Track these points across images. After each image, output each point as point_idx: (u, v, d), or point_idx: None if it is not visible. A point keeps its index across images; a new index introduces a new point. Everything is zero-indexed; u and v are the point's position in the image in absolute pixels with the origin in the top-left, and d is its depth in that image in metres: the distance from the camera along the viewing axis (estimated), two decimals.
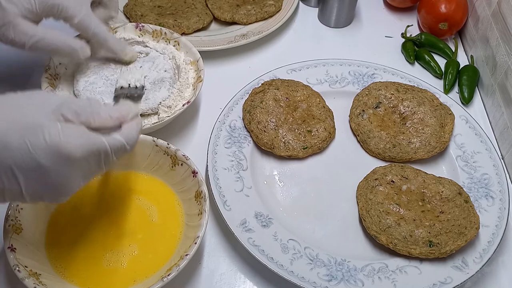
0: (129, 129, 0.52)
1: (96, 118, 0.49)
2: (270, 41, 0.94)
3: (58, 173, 0.46)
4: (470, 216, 0.65)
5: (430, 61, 0.90)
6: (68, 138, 0.46)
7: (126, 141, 0.51)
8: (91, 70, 0.77)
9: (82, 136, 0.47)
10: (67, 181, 0.48)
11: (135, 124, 0.53)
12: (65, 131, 0.46)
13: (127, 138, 0.51)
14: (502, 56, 0.81)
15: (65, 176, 0.47)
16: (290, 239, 0.64)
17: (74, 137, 0.47)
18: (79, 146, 0.47)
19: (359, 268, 0.62)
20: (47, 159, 0.45)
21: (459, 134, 0.77)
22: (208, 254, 0.66)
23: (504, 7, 0.81)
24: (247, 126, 0.75)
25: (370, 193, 0.67)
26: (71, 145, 0.46)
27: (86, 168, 0.49)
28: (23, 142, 0.45)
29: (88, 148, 0.47)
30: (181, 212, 0.64)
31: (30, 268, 0.55)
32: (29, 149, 0.45)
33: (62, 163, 0.46)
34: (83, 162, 0.48)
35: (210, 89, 0.82)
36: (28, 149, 0.45)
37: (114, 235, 0.61)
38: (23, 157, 0.45)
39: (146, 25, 0.83)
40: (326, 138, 0.75)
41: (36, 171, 0.46)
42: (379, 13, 1.03)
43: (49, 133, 0.45)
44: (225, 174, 0.69)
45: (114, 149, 0.50)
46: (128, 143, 0.51)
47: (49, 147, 0.45)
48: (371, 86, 0.80)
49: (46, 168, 0.46)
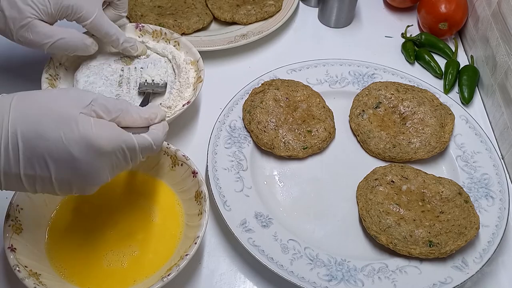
0: (156, 130, 0.55)
1: (126, 117, 0.52)
2: (270, 41, 0.94)
3: (88, 164, 0.49)
4: (470, 216, 0.65)
5: (430, 61, 0.90)
6: (99, 131, 0.48)
7: (153, 141, 0.54)
8: (91, 70, 0.77)
9: (112, 131, 0.50)
10: (96, 173, 0.50)
11: (162, 126, 0.56)
12: (97, 125, 0.49)
13: (154, 138, 0.54)
14: (502, 56, 0.81)
15: (94, 168, 0.49)
16: (290, 239, 0.64)
17: (105, 131, 0.49)
18: (110, 140, 0.49)
19: (359, 268, 0.62)
20: (79, 150, 0.47)
21: (459, 134, 0.77)
22: (208, 254, 0.66)
23: (504, 7, 0.81)
24: (247, 126, 0.75)
25: (370, 193, 0.67)
26: (102, 138, 0.48)
27: (115, 162, 0.51)
28: (57, 132, 0.47)
29: (117, 143, 0.50)
30: (181, 212, 0.64)
31: (30, 268, 0.55)
32: (63, 140, 0.47)
33: (92, 155, 0.48)
34: (112, 155, 0.50)
35: (210, 89, 0.82)
36: (61, 139, 0.47)
37: (114, 235, 0.61)
38: (56, 147, 0.47)
39: (146, 25, 0.83)
40: (326, 138, 0.75)
41: (67, 160, 0.48)
42: (379, 13, 1.03)
43: (82, 125, 0.48)
44: (225, 174, 0.69)
45: (141, 147, 0.53)
46: (155, 143, 0.54)
47: (81, 139, 0.47)
48: (371, 86, 0.80)
49: (77, 159, 0.48)
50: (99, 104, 0.50)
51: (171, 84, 0.76)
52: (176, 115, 0.72)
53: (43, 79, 0.74)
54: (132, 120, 0.53)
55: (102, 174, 0.51)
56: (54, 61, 0.76)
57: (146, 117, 0.54)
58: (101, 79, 0.76)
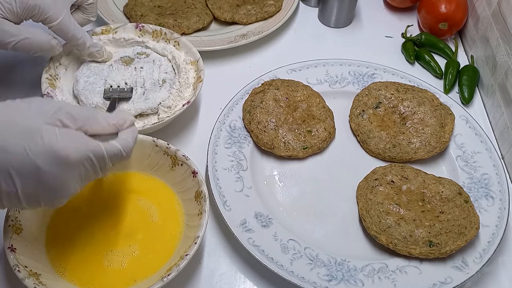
0: (125, 136, 0.53)
1: (93, 125, 0.50)
2: (270, 41, 0.94)
3: (55, 176, 0.47)
4: (470, 216, 0.65)
5: (430, 61, 0.90)
6: (65, 142, 0.47)
7: (123, 148, 0.52)
8: (91, 71, 0.77)
9: (79, 141, 0.48)
10: (64, 185, 0.48)
11: (131, 132, 0.54)
12: (62, 135, 0.47)
13: (124, 145, 0.52)
14: (502, 56, 0.81)
15: (62, 180, 0.48)
16: (290, 239, 0.64)
17: (71, 141, 0.47)
18: (76, 150, 0.47)
19: (359, 268, 0.62)
20: (45, 162, 0.46)
21: (459, 134, 0.77)
22: (208, 254, 0.66)
23: (504, 7, 0.81)
24: (247, 126, 0.75)
25: (370, 193, 0.67)
26: (68, 148, 0.47)
27: (83, 172, 0.49)
28: (21, 146, 0.45)
29: (85, 152, 0.48)
30: (181, 212, 0.64)
31: (30, 268, 0.55)
32: (27, 153, 0.45)
33: (59, 166, 0.47)
34: (80, 166, 0.49)
35: (210, 89, 0.82)
36: (26, 152, 0.45)
37: (114, 235, 0.61)
38: (21, 160, 0.45)
39: (146, 25, 0.83)
40: (326, 138, 0.75)
41: (33, 174, 0.46)
42: (379, 13, 1.03)
43: (47, 136, 0.46)
44: (225, 174, 0.69)
45: (110, 155, 0.51)
46: (124, 150, 0.52)
47: (47, 151, 0.46)
48: (371, 86, 0.80)
49: (43, 171, 0.46)
50: (64, 113, 0.48)
51: (170, 84, 0.76)
52: (176, 115, 0.72)
53: (43, 79, 0.74)
54: (100, 127, 0.51)
55: (71, 185, 0.49)
56: (54, 61, 0.76)
57: (114, 123, 0.52)
58: (101, 79, 0.76)
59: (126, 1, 0.96)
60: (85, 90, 0.74)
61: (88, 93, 0.74)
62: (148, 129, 0.70)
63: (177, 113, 0.72)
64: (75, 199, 0.64)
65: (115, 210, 0.64)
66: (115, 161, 0.52)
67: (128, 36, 0.81)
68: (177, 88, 0.75)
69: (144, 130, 0.70)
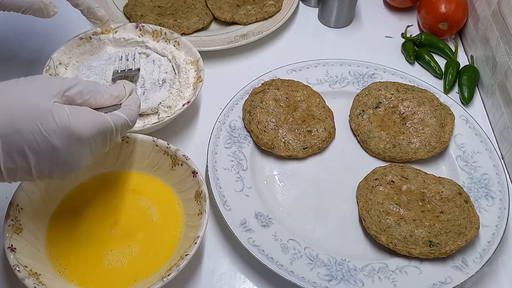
0: (128, 105, 0.55)
1: (98, 98, 0.52)
2: (270, 41, 0.94)
3: (68, 153, 0.49)
4: (470, 216, 0.65)
5: (430, 61, 0.90)
6: (77, 119, 0.49)
7: (128, 117, 0.54)
8: (91, 71, 0.77)
9: (89, 117, 0.50)
10: (76, 159, 0.50)
11: (133, 101, 0.56)
12: (73, 112, 0.49)
13: (128, 114, 0.54)
14: (502, 56, 0.81)
15: (75, 155, 0.50)
16: (290, 239, 0.64)
17: (82, 118, 0.49)
18: (88, 126, 0.49)
19: (359, 268, 0.62)
20: (59, 140, 0.48)
21: (459, 134, 0.77)
22: (208, 254, 0.66)
23: (504, 7, 0.81)
24: (247, 126, 0.75)
25: (370, 193, 0.67)
26: (80, 125, 0.49)
27: (93, 145, 0.51)
28: (35, 126, 0.47)
29: (96, 127, 0.50)
30: (181, 212, 0.64)
31: (30, 268, 0.55)
32: (42, 132, 0.47)
33: (72, 143, 0.49)
34: (91, 140, 0.51)
35: (210, 89, 0.82)
36: (40, 132, 0.47)
37: (114, 235, 0.61)
38: (36, 140, 0.47)
39: (146, 25, 0.83)
40: (326, 138, 0.75)
41: (48, 152, 0.48)
42: (379, 13, 1.03)
43: (58, 116, 0.47)
44: (225, 174, 0.69)
45: (118, 126, 0.53)
46: (129, 119, 0.54)
47: (61, 129, 0.48)
48: (371, 86, 0.80)
49: (58, 149, 0.48)
50: (70, 88, 0.50)
51: (170, 84, 0.76)
52: (176, 115, 0.72)
53: None
54: (103, 100, 0.53)
55: (82, 159, 0.51)
56: (54, 61, 0.76)
57: (116, 95, 0.54)
58: (101, 79, 0.76)
59: (126, 1, 0.96)
60: None
61: None
62: (148, 129, 0.70)
63: (177, 113, 0.72)
64: (75, 199, 0.64)
65: (115, 210, 0.64)
66: (123, 131, 0.54)
67: (128, 36, 0.81)
68: (177, 88, 0.75)
69: (144, 130, 0.70)
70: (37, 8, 0.67)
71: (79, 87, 0.50)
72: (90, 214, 0.63)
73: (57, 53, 0.77)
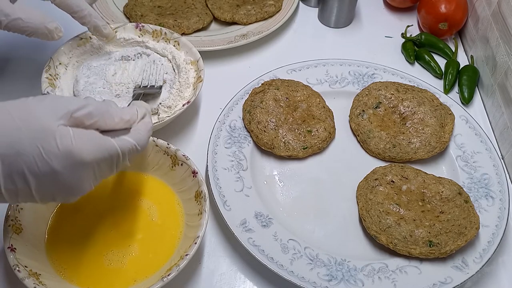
0: (138, 129, 0.53)
1: (107, 120, 0.50)
2: (270, 41, 0.94)
3: (70, 177, 0.47)
4: (470, 216, 0.65)
5: (430, 61, 0.90)
6: (80, 143, 0.47)
7: (137, 142, 0.52)
8: (91, 71, 0.77)
9: (94, 141, 0.48)
10: (79, 184, 0.49)
11: (144, 125, 0.54)
12: (77, 136, 0.47)
13: (137, 139, 0.52)
14: (502, 56, 0.81)
15: (77, 179, 0.48)
16: (290, 239, 0.64)
17: (86, 143, 0.47)
18: (91, 151, 0.48)
19: (359, 268, 0.62)
20: (60, 164, 0.46)
21: (459, 134, 0.77)
22: (208, 254, 0.66)
23: (504, 7, 0.81)
24: (247, 126, 0.75)
25: (370, 193, 0.67)
26: (83, 150, 0.47)
27: (97, 171, 0.50)
28: (36, 148, 0.45)
29: (100, 153, 0.48)
30: (181, 212, 0.64)
31: (30, 268, 0.55)
32: (42, 155, 0.45)
33: (74, 167, 0.47)
34: (95, 166, 0.49)
35: (210, 89, 0.82)
36: (41, 155, 0.45)
37: (114, 235, 0.61)
38: (36, 163, 0.46)
39: (146, 25, 0.83)
40: (326, 138, 0.75)
41: (48, 175, 0.46)
42: (379, 13, 1.03)
43: (61, 138, 0.46)
44: (225, 174, 0.69)
45: (125, 152, 0.51)
46: (138, 144, 0.52)
47: (62, 153, 0.46)
48: (371, 86, 0.80)
49: (59, 173, 0.46)
50: (79, 109, 0.48)
51: (170, 84, 0.76)
52: (176, 115, 0.72)
53: (43, 79, 0.74)
54: (113, 123, 0.51)
55: (85, 184, 0.49)
56: (54, 61, 0.76)
57: (127, 119, 0.52)
58: (101, 80, 0.76)
59: (126, 1, 0.96)
60: (85, 91, 0.74)
61: (88, 93, 0.74)
62: None
63: (177, 113, 0.72)
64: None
65: (115, 210, 0.64)
66: (130, 156, 0.52)
67: (128, 36, 0.81)
68: (177, 88, 0.75)
69: None
70: (41, 33, 0.66)
71: (89, 109, 0.49)
72: (90, 214, 0.63)
73: (57, 53, 0.77)
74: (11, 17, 0.63)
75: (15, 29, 0.65)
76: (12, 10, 0.64)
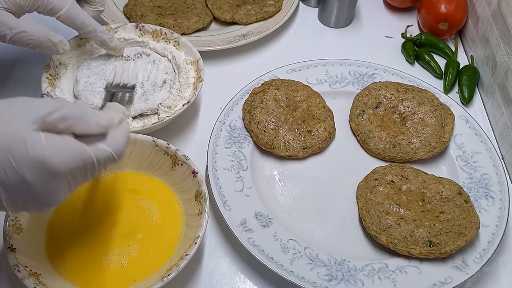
0: (115, 136, 0.49)
1: (82, 125, 0.47)
2: (270, 41, 0.94)
3: (42, 187, 0.45)
4: (470, 216, 0.65)
5: (430, 61, 0.90)
6: (52, 151, 0.44)
7: (114, 151, 0.49)
8: (91, 71, 0.77)
9: (67, 149, 0.45)
10: (52, 194, 0.46)
11: (121, 132, 0.50)
12: (50, 143, 0.44)
13: (114, 147, 0.49)
14: (502, 56, 0.81)
15: (50, 189, 0.45)
16: (290, 239, 0.64)
17: (59, 151, 0.44)
18: (65, 160, 0.45)
19: (359, 268, 0.62)
20: (31, 174, 0.43)
21: (459, 134, 0.77)
22: (208, 254, 0.66)
23: (504, 7, 0.81)
24: (247, 126, 0.75)
25: (370, 193, 0.67)
26: (55, 158, 0.44)
27: (72, 181, 0.47)
28: (6, 158, 0.43)
29: (74, 162, 0.45)
30: (181, 212, 0.64)
31: (30, 268, 0.55)
32: (12, 165, 0.43)
33: (46, 177, 0.44)
34: (69, 175, 0.46)
35: (210, 89, 0.82)
36: (11, 164, 0.43)
37: (114, 235, 0.61)
38: (6, 173, 0.43)
39: (146, 25, 0.83)
40: (326, 138, 0.75)
41: (19, 185, 0.44)
42: (379, 13, 1.03)
43: (32, 146, 0.43)
44: (225, 174, 0.69)
45: (101, 161, 0.48)
46: (115, 153, 0.49)
47: (33, 162, 0.43)
48: (371, 86, 0.80)
49: (30, 183, 0.44)
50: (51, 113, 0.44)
51: (170, 84, 0.76)
52: (176, 115, 0.72)
53: (43, 79, 0.74)
54: (88, 128, 0.47)
55: (59, 193, 0.46)
56: (54, 61, 0.76)
57: (104, 124, 0.48)
58: (101, 80, 0.76)
59: (126, 1, 0.96)
60: (85, 91, 0.74)
61: (88, 93, 0.74)
62: (148, 129, 0.70)
63: (177, 113, 0.72)
64: (75, 199, 0.64)
65: (115, 210, 0.64)
66: (106, 164, 0.49)
67: (128, 36, 0.81)
68: (177, 88, 0.75)
69: (144, 130, 0.70)
70: (46, 45, 0.67)
71: (62, 112, 0.45)
72: (90, 214, 0.63)
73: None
74: (15, 31, 0.64)
75: (19, 42, 0.66)
76: (16, 24, 0.64)
